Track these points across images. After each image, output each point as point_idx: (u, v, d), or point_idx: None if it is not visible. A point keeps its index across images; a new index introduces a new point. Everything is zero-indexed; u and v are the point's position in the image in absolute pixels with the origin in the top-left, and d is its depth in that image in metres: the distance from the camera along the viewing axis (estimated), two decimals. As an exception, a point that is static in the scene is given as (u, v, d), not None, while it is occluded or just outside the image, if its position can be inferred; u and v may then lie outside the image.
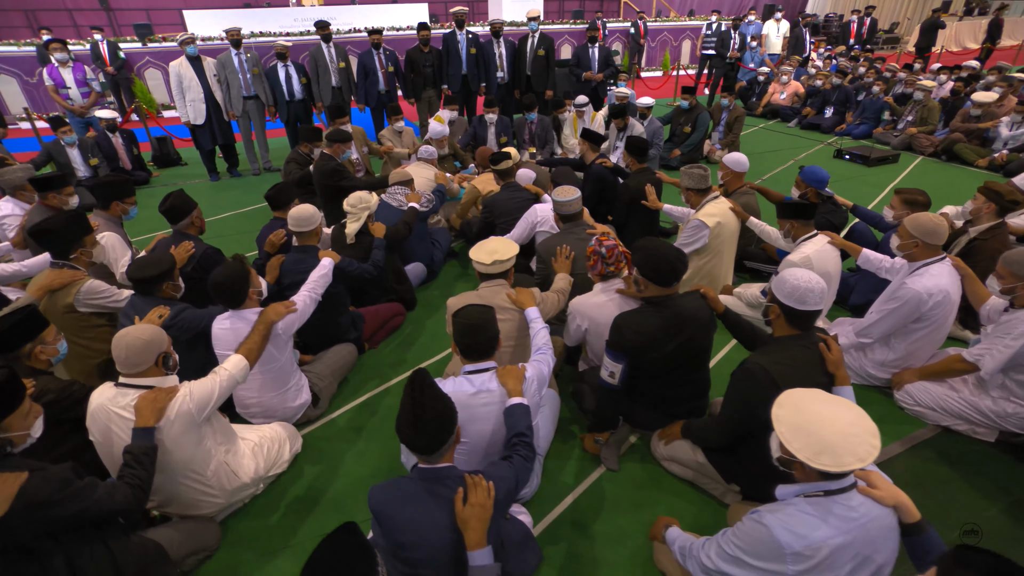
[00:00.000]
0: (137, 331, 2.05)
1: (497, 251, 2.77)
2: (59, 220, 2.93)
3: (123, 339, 2.03)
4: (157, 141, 7.63)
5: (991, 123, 6.81)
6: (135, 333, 2.04)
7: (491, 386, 2.18)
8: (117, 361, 2.05)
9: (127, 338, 2.02)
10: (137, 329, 2.06)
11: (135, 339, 2.02)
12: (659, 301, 2.44)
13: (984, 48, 12.87)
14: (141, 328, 2.07)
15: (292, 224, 3.10)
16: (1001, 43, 14.55)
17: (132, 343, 2.02)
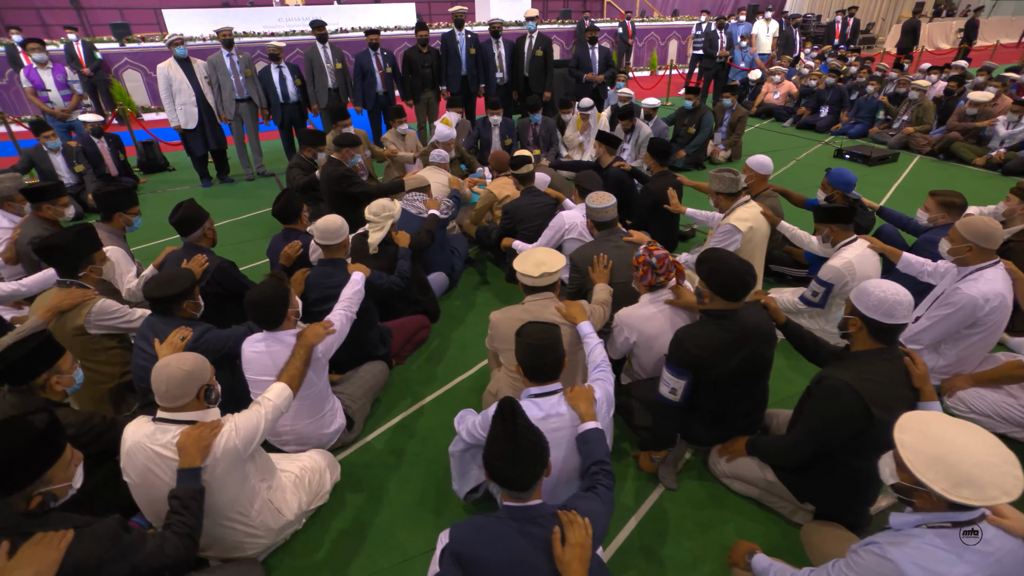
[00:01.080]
0: (178, 361, 1.86)
1: (545, 263, 2.63)
2: (67, 235, 2.70)
3: (163, 370, 1.84)
4: (143, 146, 7.30)
5: (987, 122, 6.90)
6: (176, 363, 1.85)
7: (561, 410, 2.04)
8: (157, 394, 1.85)
9: (168, 369, 1.83)
10: (177, 359, 1.87)
11: (176, 370, 1.83)
12: (723, 314, 2.33)
13: (961, 48, 13.15)
14: (181, 358, 1.88)
15: (319, 236, 2.91)
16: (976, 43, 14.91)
17: (173, 375, 1.83)
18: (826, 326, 3.36)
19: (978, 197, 5.95)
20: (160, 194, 6.65)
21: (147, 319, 2.61)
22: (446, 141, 5.43)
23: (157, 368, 1.85)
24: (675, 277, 2.75)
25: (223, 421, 1.92)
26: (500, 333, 2.63)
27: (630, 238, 3.28)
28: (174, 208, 3.24)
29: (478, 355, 3.45)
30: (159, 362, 1.87)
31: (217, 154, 6.77)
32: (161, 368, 1.85)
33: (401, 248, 3.37)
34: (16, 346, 2.10)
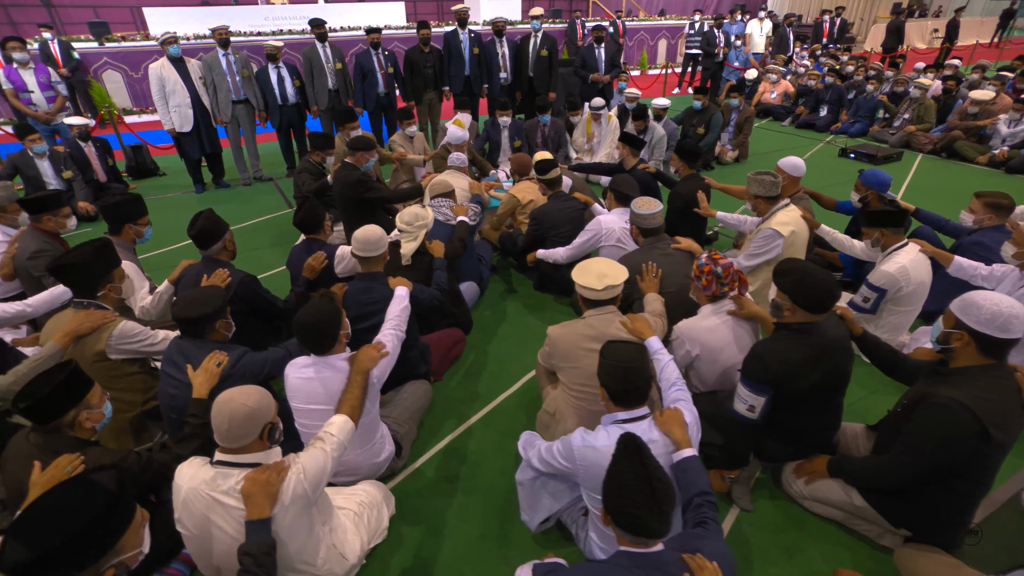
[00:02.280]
0: (241, 396, 1.65)
1: (607, 275, 2.47)
2: (84, 252, 2.45)
3: (224, 406, 1.63)
4: (131, 150, 6.94)
5: (989, 121, 6.95)
6: (239, 398, 1.64)
7: (653, 436, 1.89)
8: (217, 433, 1.65)
9: (230, 405, 1.63)
10: (240, 393, 1.66)
11: (240, 406, 1.63)
12: (805, 328, 2.20)
13: (944, 48, 13.37)
14: (244, 392, 1.67)
15: (358, 248, 2.71)
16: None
17: (236, 411, 1.62)
18: (876, 331, 3.26)
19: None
20: (153, 201, 6.31)
21: (175, 342, 2.39)
22: (459, 143, 5.23)
23: (219, 404, 1.64)
24: (739, 287, 2.62)
25: (287, 462, 1.72)
26: (561, 350, 2.47)
27: (678, 245, 3.15)
28: (192, 219, 3.01)
29: (518, 369, 3.28)
30: (220, 397, 1.66)
31: (212, 158, 6.46)
32: (222, 404, 1.64)
33: (436, 259, 3.18)
34: (41, 380, 1.88)
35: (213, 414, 1.64)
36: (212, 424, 1.65)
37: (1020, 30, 21.38)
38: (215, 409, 1.64)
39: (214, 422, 1.64)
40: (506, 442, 2.75)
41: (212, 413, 1.65)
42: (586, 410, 2.44)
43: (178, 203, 6.24)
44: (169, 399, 2.31)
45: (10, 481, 1.95)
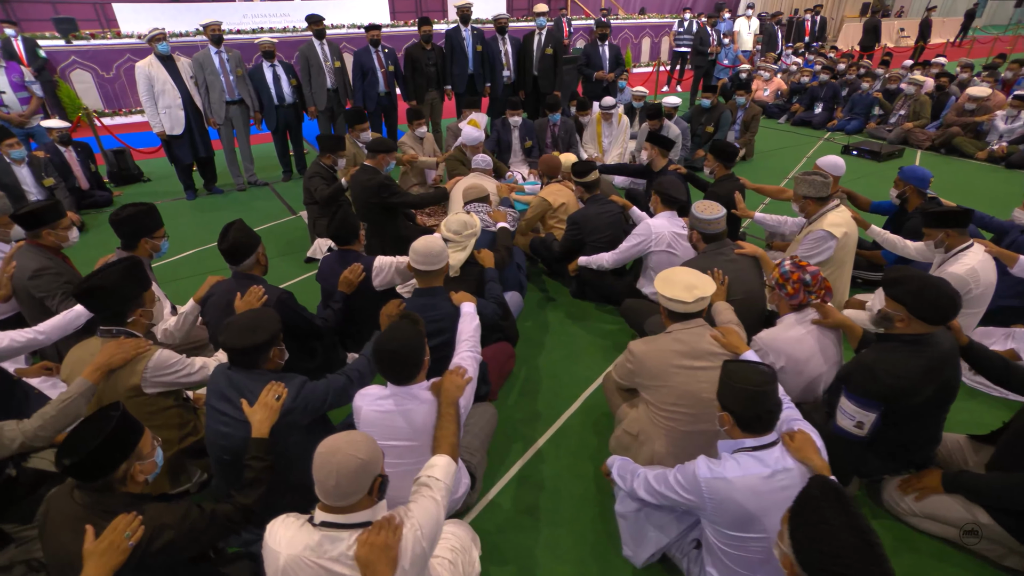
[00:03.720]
0: (349, 446, 1.41)
1: (696, 285, 2.30)
2: (113, 273, 2.15)
3: (331, 459, 1.38)
4: (113, 154, 6.47)
5: (986, 117, 7.05)
6: (347, 450, 1.40)
7: (788, 464, 1.72)
8: (322, 490, 1.40)
9: (337, 458, 1.38)
10: (348, 443, 1.42)
11: (349, 459, 1.38)
12: (919, 339, 2.06)
13: (917, 46, 13.69)
14: (352, 442, 1.43)
15: (418, 261, 2.46)
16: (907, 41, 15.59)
17: (345, 465, 1.38)
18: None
19: (986, 190, 6.07)
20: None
21: (224, 373, 2.10)
22: (474, 144, 5.00)
23: (323, 456, 1.40)
24: (823, 295, 2.48)
25: (397, 517, 1.48)
26: (648, 368, 2.28)
27: (742, 250, 2.99)
28: (222, 232, 2.73)
29: (575, 384, 3.08)
30: (324, 448, 1.41)
31: (204, 162, 6.07)
32: (327, 456, 1.39)
33: (488, 269, 2.96)
34: (86, 431, 1.60)
35: (316, 468, 1.40)
36: (315, 479, 1.40)
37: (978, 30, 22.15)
38: (318, 462, 1.40)
39: (317, 477, 1.40)
40: (580, 465, 2.55)
41: (315, 467, 1.40)
42: (678, 432, 2.25)
43: (169, 211, 5.81)
44: (220, 438, 2.04)
45: (53, 548, 1.65)
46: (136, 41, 9.46)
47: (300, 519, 1.48)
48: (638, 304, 3.39)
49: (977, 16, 21.42)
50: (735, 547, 1.75)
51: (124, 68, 9.44)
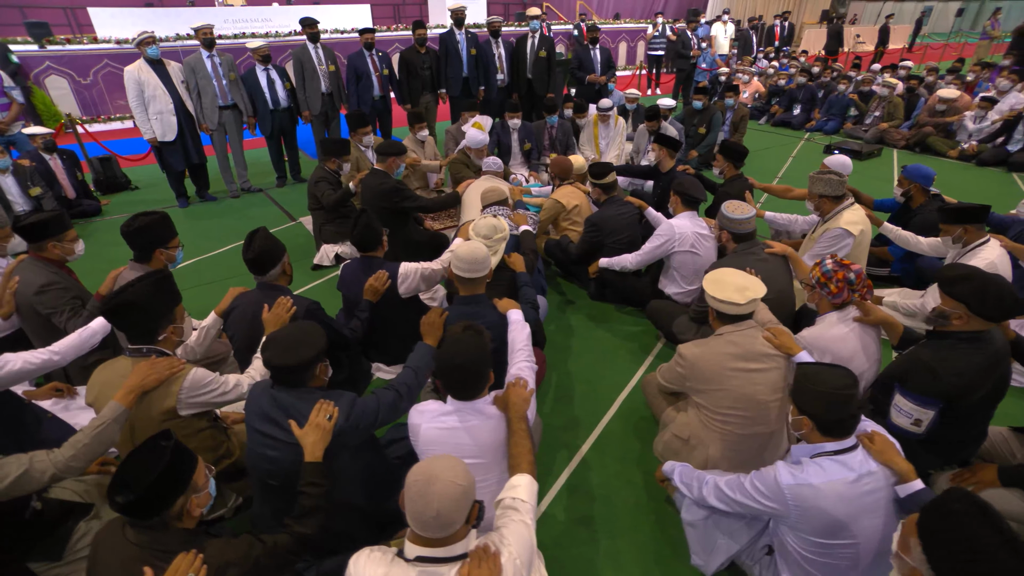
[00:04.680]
0: (448, 472, 1.27)
1: (748, 287, 2.22)
2: (143, 288, 1.96)
3: (431, 489, 1.24)
4: (99, 162, 6.11)
5: (956, 117, 7.22)
6: (447, 476, 1.26)
7: (872, 467, 1.64)
8: (420, 523, 1.26)
9: (438, 486, 1.24)
10: (447, 469, 1.28)
11: (451, 487, 1.25)
12: (976, 336, 2.02)
13: (878, 51, 14.05)
14: (450, 467, 1.29)
15: (462, 268, 2.32)
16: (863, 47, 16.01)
17: (447, 493, 1.24)
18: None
19: (959, 187, 6.19)
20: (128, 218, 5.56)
21: (265, 392, 1.92)
22: (479, 147, 4.86)
23: (420, 485, 1.25)
24: (865, 292, 2.43)
25: (492, 546, 1.35)
26: (702, 372, 2.19)
27: (772, 250, 2.94)
28: (246, 241, 2.55)
29: (608, 388, 2.98)
30: (420, 476, 1.27)
31: (196, 169, 5.76)
32: (426, 484, 1.25)
33: (520, 274, 2.83)
34: (138, 465, 1.43)
35: (412, 498, 1.25)
36: (409, 510, 1.26)
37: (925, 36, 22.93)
38: (414, 491, 1.25)
39: (414, 508, 1.25)
40: (628, 472, 2.45)
41: (410, 496, 1.26)
42: (734, 435, 2.17)
43: (161, 219, 5.51)
44: (266, 463, 1.86)
45: (104, 592, 1.48)
46: (114, 46, 9.01)
47: (387, 553, 1.34)
48: (664, 305, 3.31)
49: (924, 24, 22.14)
50: (821, 554, 1.67)
51: (102, 74, 8.97)
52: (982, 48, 17.51)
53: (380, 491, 2.07)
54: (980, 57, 14.83)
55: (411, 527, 1.28)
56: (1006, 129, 6.84)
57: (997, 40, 18.53)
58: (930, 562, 1.17)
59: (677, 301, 3.37)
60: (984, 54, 16.84)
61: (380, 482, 2.08)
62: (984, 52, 17.17)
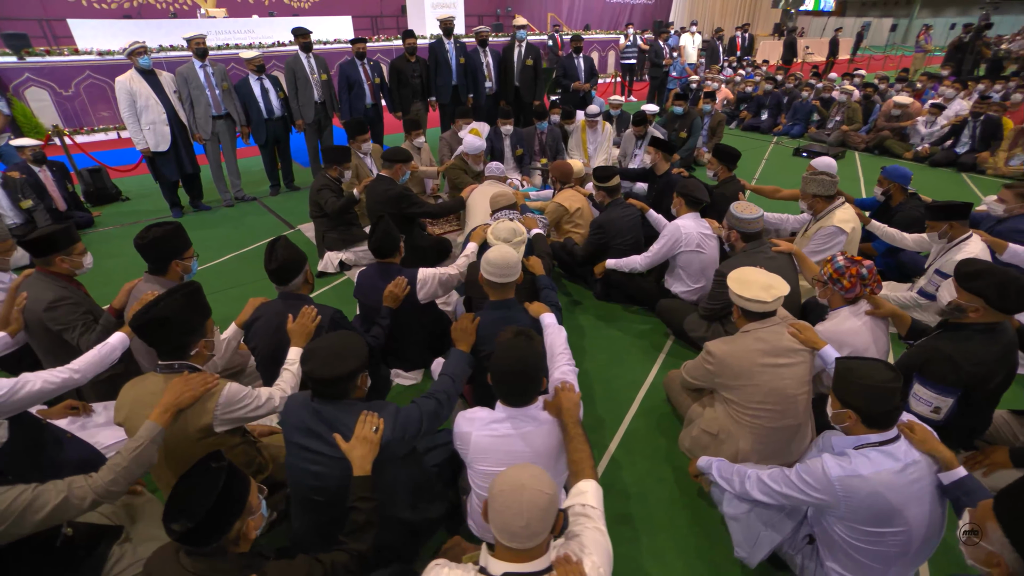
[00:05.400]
0: (534, 480, 1.19)
1: (773, 285, 2.19)
2: (175, 301, 1.81)
3: (517, 498, 1.16)
4: (88, 173, 5.77)
5: (909, 121, 7.44)
6: (534, 485, 1.17)
7: (916, 456, 1.62)
8: (508, 534, 1.17)
9: (526, 495, 1.15)
10: (533, 477, 1.19)
11: (538, 495, 1.16)
12: (992, 327, 2.03)
13: (829, 61, 14.46)
14: (535, 475, 1.20)
15: (493, 273, 2.23)
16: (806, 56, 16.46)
17: (536, 503, 1.15)
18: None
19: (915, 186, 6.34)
20: (128, 228, 5.28)
21: (305, 406, 1.79)
22: (476, 153, 4.76)
23: (507, 495, 1.16)
24: (875, 287, 2.43)
25: (574, 556, 1.27)
26: (732, 368, 2.15)
27: (779, 248, 2.93)
28: (268, 252, 2.41)
29: (627, 387, 2.92)
30: (505, 485, 1.18)
31: (190, 179, 5.50)
32: (513, 495, 1.16)
33: (541, 277, 2.75)
34: (192, 490, 1.31)
35: (499, 509, 1.16)
36: (495, 521, 1.17)
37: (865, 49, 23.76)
38: (501, 502, 1.16)
39: (501, 518, 1.16)
40: (659, 469, 2.40)
41: (496, 507, 1.17)
42: (764, 429, 2.13)
43: (156, 229, 5.24)
44: (311, 478, 1.73)
45: (160, 625, 1.34)
46: (96, 58, 8.56)
47: (468, 570, 1.24)
48: (674, 304, 3.27)
49: (863, 38, 22.93)
50: (872, 542, 1.63)
51: (84, 85, 8.52)
52: (918, 60, 18.24)
53: (422, 501, 1.96)
54: (917, 68, 15.43)
55: (497, 540, 1.19)
56: (953, 133, 7.08)
57: (930, 53, 19.37)
58: (1014, 544, 1.14)
59: (684, 299, 3.34)
60: (920, 65, 17.55)
61: (421, 492, 1.97)
62: (920, 63, 17.90)
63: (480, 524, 1.89)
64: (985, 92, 8.22)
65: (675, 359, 3.14)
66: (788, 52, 13.86)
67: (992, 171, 6.61)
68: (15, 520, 1.42)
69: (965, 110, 7.26)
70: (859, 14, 29.85)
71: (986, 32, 12.08)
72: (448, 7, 13.23)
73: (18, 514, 1.42)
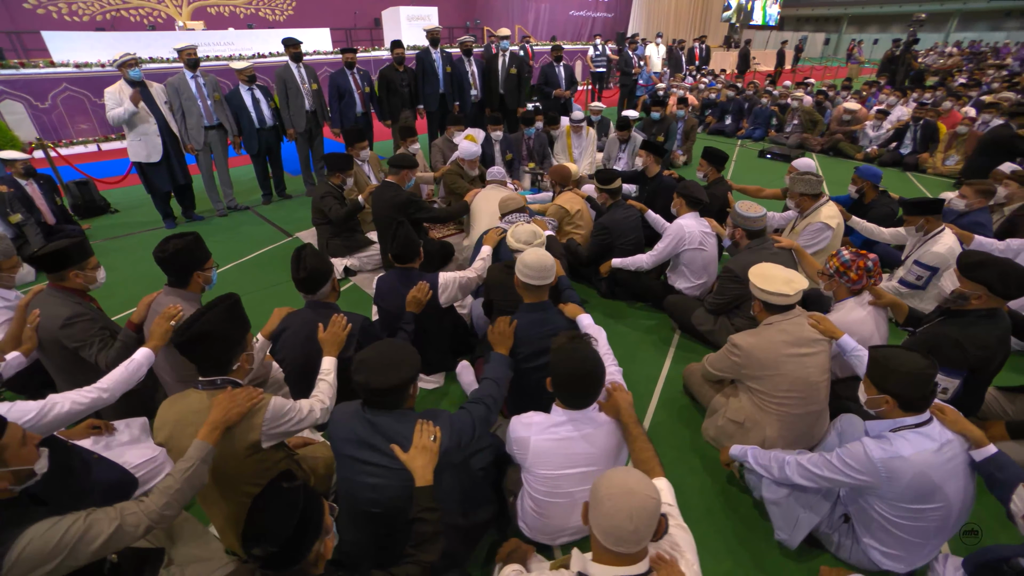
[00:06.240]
0: (640, 484, 1.13)
1: (792, 279, 2.19)
2: (217, 315, 1.66)
3: (629, 501, 1.09)
4: (76, 186, 5.38)
5: (859, 126, 7.71)
6: (643, 490, 1.12)
7: (949, 436, 1.64)
8: (616, 538, 1.10)
9: (635, 499, 1.09)
10: (638, 482, 1.13)
11: (647, 499, 1.10)
12: (993, 312, 2.08)
13: (777, 71, 14.90)
14: (640, 479, 1.14)
15: (530, 276, 2.14)
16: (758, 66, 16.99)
17: (644, 507, 1.09)
18: (921, 304, 3.30)
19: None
20: (116, 242, 4.94)
21: (357, 417, 1.67)
22: (471, 159, 4.66)
23: (617, 499, 1.09)
24: (877, 278, 2.47)
25: (667, 555, 1.21)
26: (759, 360, 2.14)
27: (780, 244, 2.94)
28: (295, 261, 2.26)
29: (645, 382, 2.89)
30: (611, 489, 1.11)
31: (182, 189, 5.19)
32: (623, 499, 1.09)
33: (560, 278, 2.68)
34: (268, 512, 1.20)
35: (608, 513, 1.09)
36: (603, 525, 1.10)
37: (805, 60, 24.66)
38: (610, 506, 1.09)
39: (610, 522, 1.09)
40: (687, 459, 2.37)
41: (605, 512, 1.10)
42: (791, 415, 2.14)
43: (149, 242, 4.91)
44: (368, 491, 1.61)
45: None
46: (73, 70, 8.02)
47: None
48: (680, 299, 3.26)
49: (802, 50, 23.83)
50: (913, 519, 1.64)
51: (62, 98, 7.97)
52: (854, 70, 19.08)
53: (472, 506, 1.87)
54: (853, 76, 16.11)
55: (600, 544, 1.12)
56: (897, 136, 7.38)
57: (863, 64, 20.28)
58: None
59: (687, 295, 3.33)
60: (856, 74, 18.35)
61: (470, 497, 1.88)
62: (855, 73, 18.71)
63: (534, 526, 1.82)
64: (919, 99, 8.61)
65: (685, 352, 3.13)
66: (743, 62, 14.21)
67: (932, 170, 6.91)
68: (70, 552, 1.27)
69: (906, 115, 7.58)
70: (795, 29, 31.05)
71: (914, 46, 12.65)
72: (423, 19, 13.01)
73: (72, 546, 1.28)
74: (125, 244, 4.85)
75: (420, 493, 1.51)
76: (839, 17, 32.81)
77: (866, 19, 31.91)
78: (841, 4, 31.98)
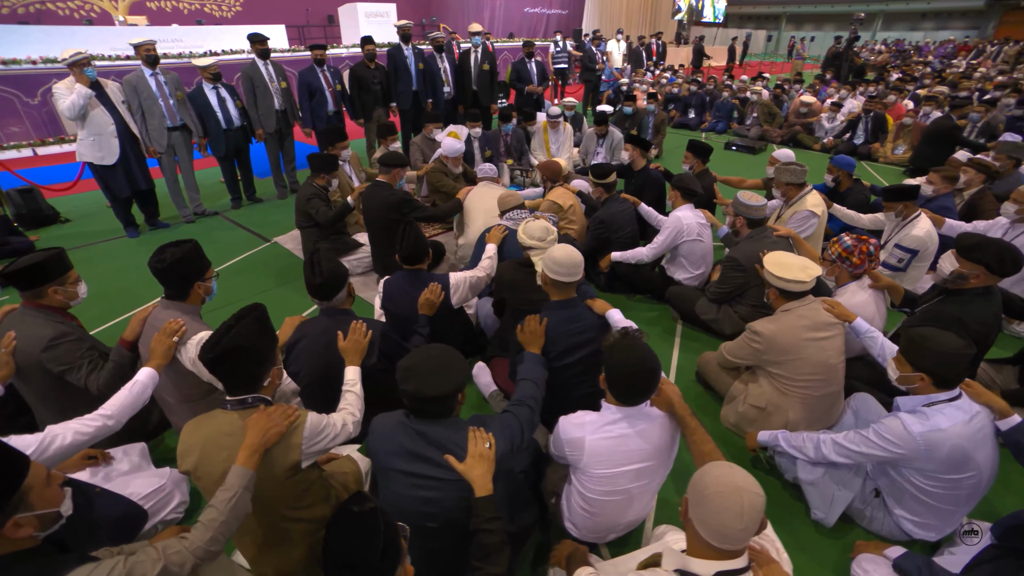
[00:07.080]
0: (747, 483, 1.12)
1: (807, 266, 2.25)
2: (247, 328, 1.52)
3: (738, 499, 1.08)
4: (19, 194, 4.90)
5: (815, 118, 8.09)
6: (750, 487, 1.11)
7: (977, 408, 1.74)
8: (725, 535, 1.08)
9: (744, 496, 1.08)
10: (744, 479, 1.12)
11: (755, 497, 1.09)
12: (989, 290, 2.21)
13: (729, 66, 15.45)
14: (745, 476, 1.14)
15: (559, 272, 2.09)
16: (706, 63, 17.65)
17: (753, 504, 1.08)
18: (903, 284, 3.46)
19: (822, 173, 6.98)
20: (78, 252, 4.52)
21: (404, 428, 1.58)
22: (455, 156, 4.57)
23: (725, 497, 1.07)
24: (876, 262, 2.57)
25: (757, 544, 1.20)
26: (781, 345, 2.19)
27: (778, 232, 3.03)
28: (309, 267, 2.13)
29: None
30: (720, 488, 1.08)
31: (144, 195, 4.82)
32: (732, 496, 1.07)
33: (574, 274, 2.65)
34: (353, 541, 1.13)
35: (717, 511, 1.07)
36: (712, 523, 1.08)
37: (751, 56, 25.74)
38: (718, 504, 1.07)
39: (719, 520, 1.07)
40: (711, 445, 2.39)
41: (713, 509, 1.07)
42: (812, 397, 2.20)
43: (112, 253, 4.56)
44: (423, 505, 1.53)
45: None
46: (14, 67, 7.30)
47: (657, 575, 1.14)
48: (682, 290, 3.30)
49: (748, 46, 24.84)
50: (948, 488, 1.72)
51: (-10, 98, 7.25)
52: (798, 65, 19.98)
53: (517, 510, 1.82)
54: (798, 71, 16.91)
55: (703, 540, 1.09)
56: (850, 127, 7.79)
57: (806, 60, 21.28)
58: None
59: (687, 285, 3.38)
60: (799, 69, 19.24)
61: (515, 501, 1.83)
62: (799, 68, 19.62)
63: (583, 525, 1.79)
64: (865, 93, 9.12)
65: (690, 341, 3.18)
66: (698, 58, 14.63)
67: (883, 159, 7.34)
68: (113, 602, 1.13)
69: (857, 108, 8.00)
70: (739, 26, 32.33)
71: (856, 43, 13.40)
72: (382, 16, 12.69)
73: (115, 595, 1.14)
74: (84, 256, 4.46)
75: (482, 503, 1.44)
76: (778, 15, 34.40)
77: (802, 17, 33.63)
78: (780, 3, 33.55)
